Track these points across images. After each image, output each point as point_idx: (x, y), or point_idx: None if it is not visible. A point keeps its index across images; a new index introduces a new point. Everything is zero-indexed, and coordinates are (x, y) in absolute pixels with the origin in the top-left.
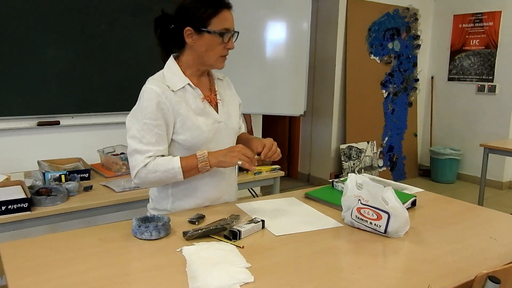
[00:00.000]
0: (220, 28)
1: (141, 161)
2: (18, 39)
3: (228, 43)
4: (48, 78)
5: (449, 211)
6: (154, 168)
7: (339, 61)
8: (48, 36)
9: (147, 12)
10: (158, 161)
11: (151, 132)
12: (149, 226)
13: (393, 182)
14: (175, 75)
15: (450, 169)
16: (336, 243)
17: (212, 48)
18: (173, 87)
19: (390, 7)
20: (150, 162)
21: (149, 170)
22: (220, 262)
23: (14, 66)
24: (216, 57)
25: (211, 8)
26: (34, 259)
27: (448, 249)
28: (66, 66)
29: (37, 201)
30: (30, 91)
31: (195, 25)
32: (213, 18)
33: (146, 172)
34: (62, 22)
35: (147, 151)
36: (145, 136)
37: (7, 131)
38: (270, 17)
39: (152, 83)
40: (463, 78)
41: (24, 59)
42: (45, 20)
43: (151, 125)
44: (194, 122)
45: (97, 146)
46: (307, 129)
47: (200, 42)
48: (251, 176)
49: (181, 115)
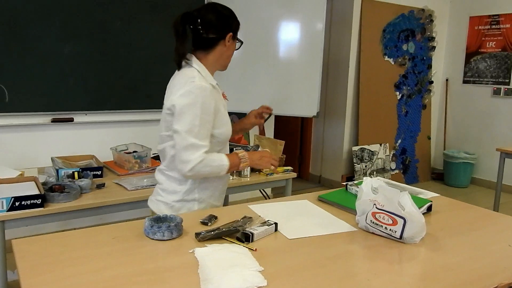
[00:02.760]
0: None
1: (199, 156)
2: (35, 36)
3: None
4: (63, 75)
5: (466, 217)
6: (208, 163)
7: (352, 62)
8: (65, 33)
9: (163, 10)
10: (211, 157)
11: (205, 127)
12: (162, 226)
13: (408, 186)
14: (207, 75)
15: (464, 173)
16: (351, 248)
17: (232, 53)
18: (212, 84)
19: (405, 8)
20: (205, 157)
21: (203, 165)
22: (233, 264)
23: (30, 63)
24: (230, 59)
25: (238, 23)
26: (48, 256)
27: (467, 256)
28: (81, 63)
29: (51, 197)
30: (45, 88)
31: (234, 34)
32: (238, 31)
33: (201, 166)
34: (78, 19)
35: (203, 147)
36: (201, 132)
37: (21, 127)
38: (285, 17)
39: (202, 80)
40: (478, 80)
41: (40, 56)
42: (61, 17)
43: (206, 120)
44: (226, 118)
45: (110, 144)
46: (320, 130)
47: (231, 47)
48: (263, 177)
49: (220, 111)
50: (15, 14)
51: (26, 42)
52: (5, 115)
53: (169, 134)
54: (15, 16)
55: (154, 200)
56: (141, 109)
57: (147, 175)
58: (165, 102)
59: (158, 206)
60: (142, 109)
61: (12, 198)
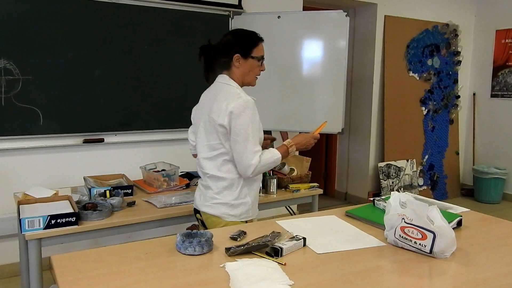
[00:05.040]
0: (259, 55)
1: (256, 160)
2: (67, 60)
3: (262, 66)
4: (94, 97)
5: (497, 232)
6: (265, 162)
7: (376, 78)
8: (95, 57)
9: (189, 32)
10: (265, 156)
11: (257, 134)
12: (193, 241)
13: (436, 201)
14: (242, 90)
15: (495, 189)
16: (380, 263)
17: (253, 69)
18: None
19: (429, 24)
20: (261, 158)
21: (262, 164)
22: (263, 278)
23: (63, 86)
24: (254, 76)
25: (253, 41)
26: (85, 271)
27: (499, 272)
28: (110, 86)
29: (84, 215)
30: (77, 110)
31: (242, 53)
32: (254, 48)
33: (260, 166)
34: (108, 43)
35: (259, 151)
36: (255, 138)
37: (55, 148)
38: (308, 36)
39: (245, 95)
40: (507, 94)
41: (72, 79)
42: (92, 41)
43: (257, 129)
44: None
45: (139, 163)
46: (344, 147)
47: (245, 65)
48: (290, 193)
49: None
50: (48, 40)
51: (59, 66)
52: (40, 137)
53: (220, 142)
54: (48, 41)
55: (211, 204)
56: (168, 128)
57: (176, 192)
58: (211, 115)
59: (219, 208)
60: (169, 128)
61: (48, 216)
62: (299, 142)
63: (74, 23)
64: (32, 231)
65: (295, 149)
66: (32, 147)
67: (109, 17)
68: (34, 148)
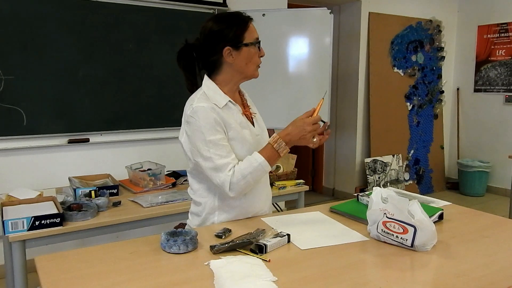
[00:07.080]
0: (253, 39)
1: (225, 175)
2: (51, 59)
3: (260, 51)
4: (79, 97)
5: (478, 224)
6: (241, 174)
7: (362, 75)
8: (80, 56)
9: (173, 32)
10: (240, 167)
11: (218, 146)
12: (177, 240)
13: (419, 195)
14: (216, 94)
15: (479, 182)
16: (363, 257)
17: (250, 59)
18: (218, 104)
19: (412, 20)
20: (233, 172)
21: (237, 179)
22: (247, 275)
23: (46, 86)
24: (255, 67)
25: (241, 24)
26: (69, 272)
27: (479, 263)
28: (96, 85)
29: (69, 216)
30: (61, 110)
31: (233, 43)
32: (245, 33)
33: (235, 182)
34: (93, 42)
35: (226, 165)
36: (216, 153)
37: (39, 149)
38: (293, 34)
39: (200, 101)
40: (489, 89)
41: (56, 78)
42: (77, 40)
43: (215, 140)
44: (242, 135)
45: (125, 163)
46: (331, 143)
47: (240, 57)
48: (276, 190)
49: (232, 129)
50: (31, 39)
51: (42, 65)
52: (24, 138)
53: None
54: (31, 40)
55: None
56: (154, 127)
57: (162, 192)
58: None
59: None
60: (155, 127)
61: (32, 217)
62: (289, 133)
63: (57, 23)
64: (16, 233)
65: (284, 144)
66: (16, 148)
67: (94, 16)
68: (17, 148)
